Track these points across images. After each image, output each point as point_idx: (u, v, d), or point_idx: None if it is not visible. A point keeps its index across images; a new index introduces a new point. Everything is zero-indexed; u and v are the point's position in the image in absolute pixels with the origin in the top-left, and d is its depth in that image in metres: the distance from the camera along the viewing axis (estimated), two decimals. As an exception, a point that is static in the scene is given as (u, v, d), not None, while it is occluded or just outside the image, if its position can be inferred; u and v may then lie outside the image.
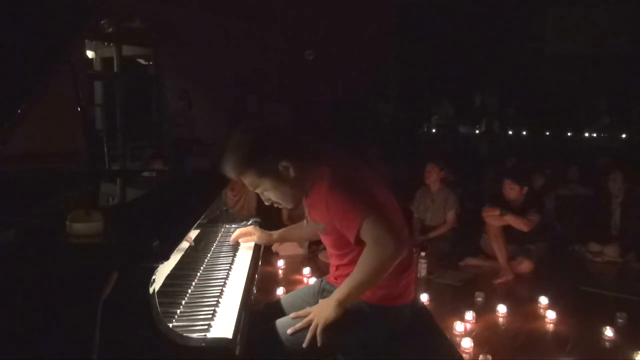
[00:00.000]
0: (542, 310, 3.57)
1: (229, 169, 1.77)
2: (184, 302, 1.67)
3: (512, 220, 4.30)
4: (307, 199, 1.87)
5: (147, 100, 7.98)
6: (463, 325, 3.21)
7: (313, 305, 1.88)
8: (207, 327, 1.50)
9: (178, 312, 1.58)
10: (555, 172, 6.18)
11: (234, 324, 1.53)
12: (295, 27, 9.06)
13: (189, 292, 1.75)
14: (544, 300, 3.64)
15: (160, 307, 1.36)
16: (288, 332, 1.73)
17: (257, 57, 8.53)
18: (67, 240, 1.44)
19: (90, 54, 7.58)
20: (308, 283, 3.74)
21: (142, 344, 1.31)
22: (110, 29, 6.00)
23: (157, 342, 1.30)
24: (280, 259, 4.46)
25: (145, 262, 1.35)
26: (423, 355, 1.85)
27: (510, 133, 10.23)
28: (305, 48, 9.06)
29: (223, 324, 1.53)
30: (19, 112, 1.79)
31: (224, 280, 1.88)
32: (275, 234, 2.35)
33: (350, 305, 1.80)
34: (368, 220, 1.63)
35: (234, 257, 2.17)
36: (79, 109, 2.49)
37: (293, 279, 4.16)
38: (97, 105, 7.35)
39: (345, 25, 9.68)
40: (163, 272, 1.63)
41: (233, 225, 2.63)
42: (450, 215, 5.04)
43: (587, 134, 9.58)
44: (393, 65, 11.40)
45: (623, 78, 9.66)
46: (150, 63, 8.03)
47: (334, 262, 1.95)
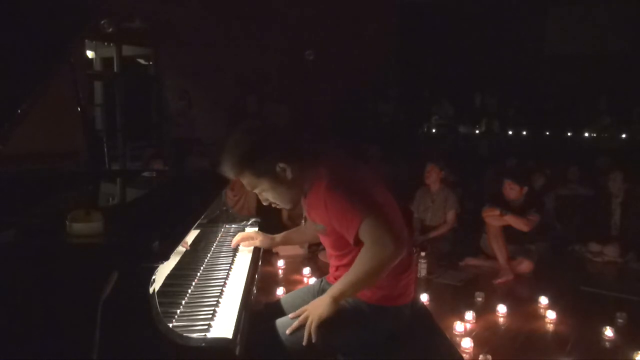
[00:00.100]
0: (542, 310, 3.57)
1: (227, 169, 1.78)
2: (184, 302, 1.67)
3: (512, 220, 4.30)
4: (305, 199, 1.87)
5: (147, 100, 7.97)
6: (463, 325, 3.21)
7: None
8: (207, 327, 1.50)
9: (178, 312, 1.58)
10: (555, 172, 6.18)
11: (234, 324, 1.53)
12: (295, 27, 9.06)
13: (189, 292, 1.75)
14: (544, 300, 3.64)
15: (160, 307, 1.36)
16: (287, 332, 1.73)
17: (257, 57, 8.52)
18: (67, 240, 1.44)
19: (90, 54, 7.58)
20: (308, 283, 3.74)
21: (142, 344, 1.31)
22: (110, 29, 5.99)
23: (157, 342, 1.30)
24: (280, 259, 4.46)
25: (145, 262, 1.35)
26: (423, 355, 1.85)
27: (510, 133, 10.23)
28: (305, 48, 9.05)
29: (223, 324, 1.53)
30: (19, 112, 1.79)
31: (224, 280, 1.88)
32: (278, 237, 2.32)
33: (350, 305, 1.80)
34: (367, 221, 1.63)
35: (234, 257, 2.17)
36: (79, 109, 2.48)
37: (293, 279, 4.16)
38: (97, 105, 7.35)
39: (345, 25, 9.68)
40: (163, 272, 1.63)
41: (233, 225, 2.64)
42: (450, 215, 5.04)
43: (587, 134, 9.58)
44: (393, 65, 11.39)
45: (623, 78, 9.65)
46: (150, 63, 8.02)
47: (334, 262, 1.95)
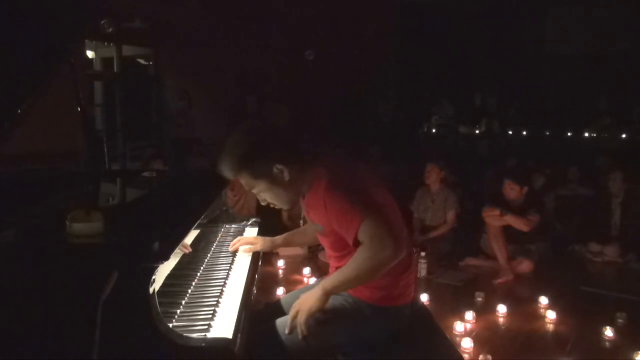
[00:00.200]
0: (542, 310, 3.57)
1: (225, 169, 1.78)
2: (184, 302, 1.67)
3: (512, 220, 4.30)
4: (304, 199, 1.87)
5: (147, 100, 7.98)
6: (463, 325, 3.21)
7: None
8: (207, 327, 1.50)
9: (178, 312, 1.58)
10: (555, 172, 6.18)
11: (234, 324, 1.53)
12: (295, 27, 9.06)
13: (189, 292, 1.75)
14: (544, 300, 3.64)
15: (160, 307, 1.36)
16: (286, 331, 1.73)
17: (257, 57, 8.53)
18: (67, 240, 1.44)
19: (90, 54, 7.58)
20: (308, 283, 3.74)
21: (142, 344, 1.31)
22: (110, 29, 5.99)
23: (157, 342, 1.30)
24: (280, 259, 4.46)
25: (145, 262, 1.35)
26: (423, 355, 1.85)
27: (510, 133, 10.23)
28: (305, 48, 9.05)
29: (223, 324, 1.53)
30: (19, 112, 1.79)
31: (224, 280, 1.88)
32: (278, 240, 2.30)
33: (350, 305, 1.80)
34: (367, 222, 1.62)
35: (234, 257, 2.17)
36: (79, 109, 2.48)
37: (293, 279, 4.16)
38: (97, 105, 7.36)
39: (345, 25, 9.68)
40: (163, 272, 1.63)
41: (233, 225, 2.64)
42: (450, 215, 5.04)
43: (587, 134, 9.58)
44: (393, 65, 11.40)
45: (623, 78, 9.65)
46: (150, 63, 8.03)
47: (333, 263, 1.95)
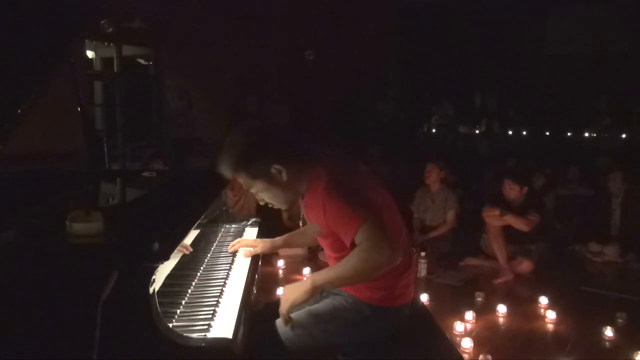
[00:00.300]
0: (542, 310, 3.57)
1: (223, 169, 1.78)
2: (184, 302, 1.67)
3: (512, 220, 4.30)
4: (303, 200, 1.87)
5: (147, 100, 7.97)
6: (463, 325, 3.21)
7: (312, 305, 1.89)
8: (207, 327, 1.50)
9: (178, 312, 1.58)
10: (555, 172, 6.18)
11: (234, 324, 1.53)
12: (295, 27, 9.06)
13: (189, 292, 1.75)
14: (544, 300, 3.64)
15: (160, 307, 1.36)
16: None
17: (257, 57, 8.53)
18: (67, 240, 1.44)
19: (90, 54, 7.58)
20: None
21: (142, 344, 1.31)
22: (110, 29, 6.00)
23: (157, 342, 1.30)
24: (280, 259, 4.46)
25: (145, 262, 1.35)
26: (423, 355, 1.85)
27: (510, 133, 10.23)
28: (305, 48, 9.05)
29: (223, 324, 1.53)
30: (19, 112, 1.79)
31: (224, 280, 1.88)
32: (278, 241, 2.28)
33: (350, 305, 1.80)
34: (365, 226, 1.61)
35: (234, 257, 2.17)
36: (79, 109, 2.48)
37: (293, 279, 4.16)
38: (97, 105, 7.36)
39: (345, 25, 9.68)
40: (163, 272, 1.63)
41: (233, 225, 2.64)
42: (450, 215, 5.04)
43: (587, 134, 9.58)
44: (393, 65, 11.40)
45: (623, 78, 9.66)
46: (150, 63, 8.02)
47: (332, 263, 1.95)
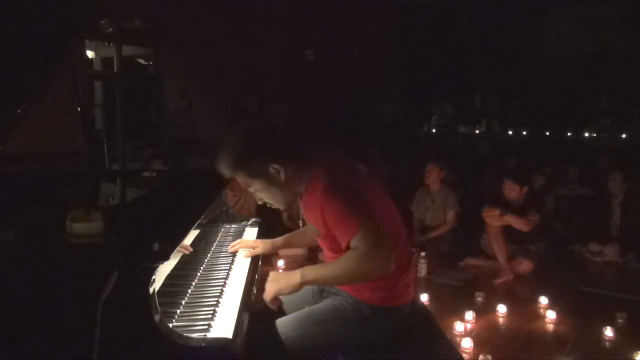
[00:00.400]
0: (542, 310, 3.57)
1: (222, 168, 1.78)
2: (184, 302, 1.67)
3: (512, 220, 4.30)
4: (302, 200, 1.87)
5: (147, 100, 7.97)
6: (463, 325, 3.21)
7: (312, 305, 1.89)
8: (207, 327, 1.50)
9: (178, 312, 1.58)
10: (555, 172, 6.18)
11: (234, 324, 1.53)
12: (295, 27, 9.06)
13: (189, 292, 1.75)
14: (544, 300, 3.64)
15: (160, 307, 1.36)
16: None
17: (257, 57, 8.53)
18: (67, 240, 1.44)
19: (90, 54, 7.59)
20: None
21: (142, 344, 1.31)
22: (110, 29, 6.00)
23: (157, 342, 1.30)
24: (280, 259, 4.45)
25: (145, 262, 1.35)
26: (423, 355, 1.85)
27: (510, 133, 10.22)
28: (305, 48, 9.05)
29: (223, 324, 1.53)
30: (19, 112, 1.79)
31: (224, 280, 1.88)
32: (279, 241, 2.27)
33: (350, 306, 1.80)
34: (362, 231, 1.61)
35: (234, 257, 2.17)
36: (79, 109, 2.48)
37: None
38: (97, 105, 7.37)
39: (345, 25, 9.68)
40: (163, 272, 1.63)
41: (233, 225, 2.64)
42: (450, 215, 5.04)
43: (587, 134, 9.58)
44: (393, 65, 11.40)
45: (623, 78, 9.65)
46: (150, 63, 8.03)
47: None
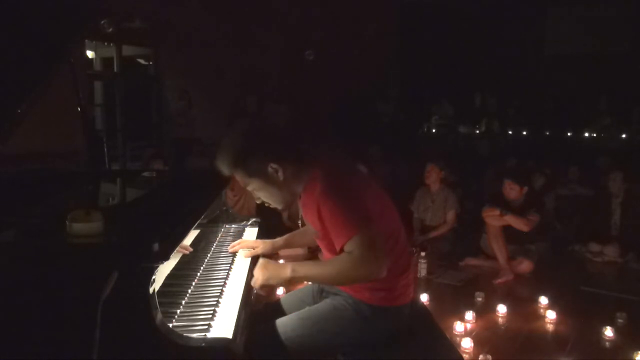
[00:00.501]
0: (542, 310, 3.57)
1: (221, 165, 1.78)
2: (184, 302, 1.67)
3: (512, 220, 4.30)
4: (300, 200, 1.87)
5: (147, 100, 7.97)
6: (463, 325, 3.21)
7: (312, 305, 1.89)
8: (207, 327, 1.50)
9: (178, 312, 1.58)
10: (555, 172, 6.18)
11: (234, 324, 1.53)
12: (295, 27, 9.06)
13: (189, 292, 1.75)
14: (544, 300, 3.64)
15: (160, 307, 1.36)
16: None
17: (257, 57, 8.53)
18: (67, 240, 1.44)
19: (90, 54, 7.59)
20: (307, 283, 3.74)
21: (142, 344, 1.31)
22: (110, 29, 6.00)
23: (157, 342, 1.30)
24: (280, 259, 4.45)
25: (145, 262, 1.35)
26: (423, 355, 1.85)
27: (510, 133, 10.23)
28: (305, 48, 9.06)
29: (223, 324, 1.53)
30: (19, 112, 1.79)
31: (224, 280, 1.88)
32: (279, 242, 2.26)
33: (350, 306, 1.80)
34: (357, 237, 1.60)
35: (234, 257, 2.17)
36: (79, 109, 2.48)
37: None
38: (97, 105, 7.37)
39: (345, 25, 9.68)
40: (163, 272, 1.63)
41: (233, 225, 2.64)
42: (450, 215, 5.04)
43: (587, 134, 9.58)
44: (393, 65, 11.40)
45: (623, 78, 9.65)
46: (150, 63, 8.03)
47: None
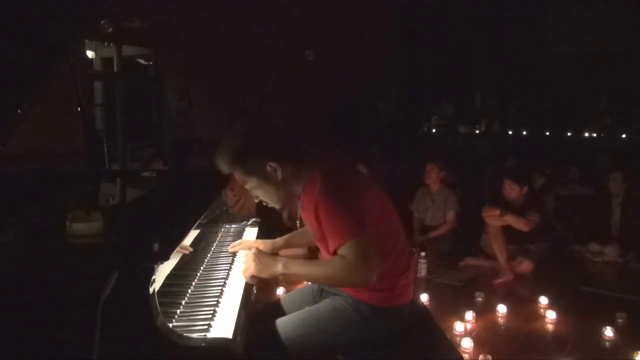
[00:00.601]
0: (542, 310, 3.57)
1: (220, 162, 1.78)
2: (184, 302, 1.67)
3: (512, 220, 4.30)
4: (299, 200, 1.86)
5: (147, 100, 7.98)
6: (463, 325, 3.21)
7: (312, 305, 1.89)
8: (207, 327, 1.50)
9: (178, 312, 1.58)
10: (555, 172, 6.18)
11: (234, 324, 1.53)
12: (295, 27, 9.06)
13: (189, 292, 1.75)
14: (544, 300, 3.64)
15: (160, 307, 1.36)
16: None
17: (257, 57, 8.53)
18: (67, 240, 1.44)
19: (90, 54, 7.59)
20: (307, 283, 3.73)
21: (142, 344, 1.31)
22: (110, 29, 6.01)
23: (157, 342, 1.30)
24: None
25: (145, 262, 1.35)
26: (423, 355, 1.85)
27: (510, 133, 10.23)
28: (305, 48, 9.06)
29: (223, 324, 1.53)
30: (19, 112, 1.79)
31: (224, 280, 1.88)
32: (279, 242, 2.25)
33: (350, 306, 1.80)
34: (352, 242, 1.60)
35: (234, 257, 2.17)
36: (79, 109, 2.48)
37: (293, 280, 4.15)
38: (97, 105, 7.37)
39: (345, 25, 9.68)
40: (163, 272, 1.63)
41: (233, 225, 2.64)
42: (450, 215, 5.04)
43: (587, 134, 9.58)
44: (393, 65, 11.40)
45: (623, 78, 9.66)
46: (150, 63, 8.03)
47: None
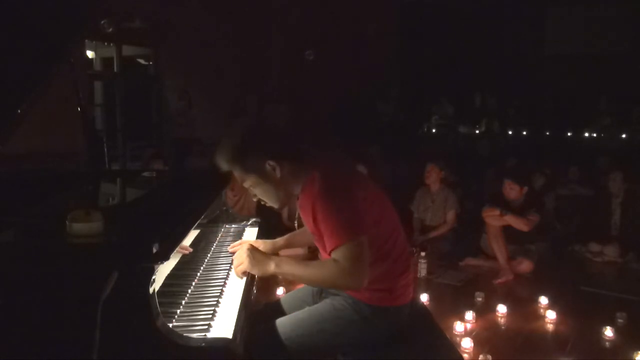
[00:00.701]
0: (542, 310, 3.57)
1: (219, 160, 1.78)
2: (184, 302, 1.67)
3: (512, 220, 4.30)
4: (298, 200, 1.86)
5: (147, 100, 7.98)
6: (463, 325, 3.21)
7: (312, 305, 1.89)
8: (207, 327, 1.50)
9: (178, 312, 1.58)
10: (555, 172, 6.18)
11: (234, 324, 1.53)
12: (295, 27, 9.07)
13: (189, 292, 1.75)
14: (544, 300, 3.64)
15: (160, 307, 1.36)
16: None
17: (257, 57, 8.53)
18: (67, 240, 1.44)
19: (90, 54, 7.59)
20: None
21: (142, 344, 1.31)
22: (110, 29, 6.01)
23: (157, 342, 1.30)
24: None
25: (145, 262, 1.35)
26: (423, 355, 1.85)
27: (510, 133, 10.23)
28: (305, 48, 9.06)
29: (223, 324, 1.53)
30: (19, 112, 1.79)
31: (224, 280, 1.88)
32: (280, 242, 2.23)
33: (350, 306, 1.80)
34: (347, 246, 1.60)
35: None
36: (79, 109, 2.48)
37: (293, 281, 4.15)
38: (97, 105, 7.38)
39: (345, 25, 9.68)
40: (163, 272, 1.63)
41: (233, 225, 2.64)
42: (450, 215, 5.04)
43: (587, 134, 9.58)
44: (393, 65, 11.40)
45: (623, 78, 9.66)
46: (150, 63, 8.03)
47: None
